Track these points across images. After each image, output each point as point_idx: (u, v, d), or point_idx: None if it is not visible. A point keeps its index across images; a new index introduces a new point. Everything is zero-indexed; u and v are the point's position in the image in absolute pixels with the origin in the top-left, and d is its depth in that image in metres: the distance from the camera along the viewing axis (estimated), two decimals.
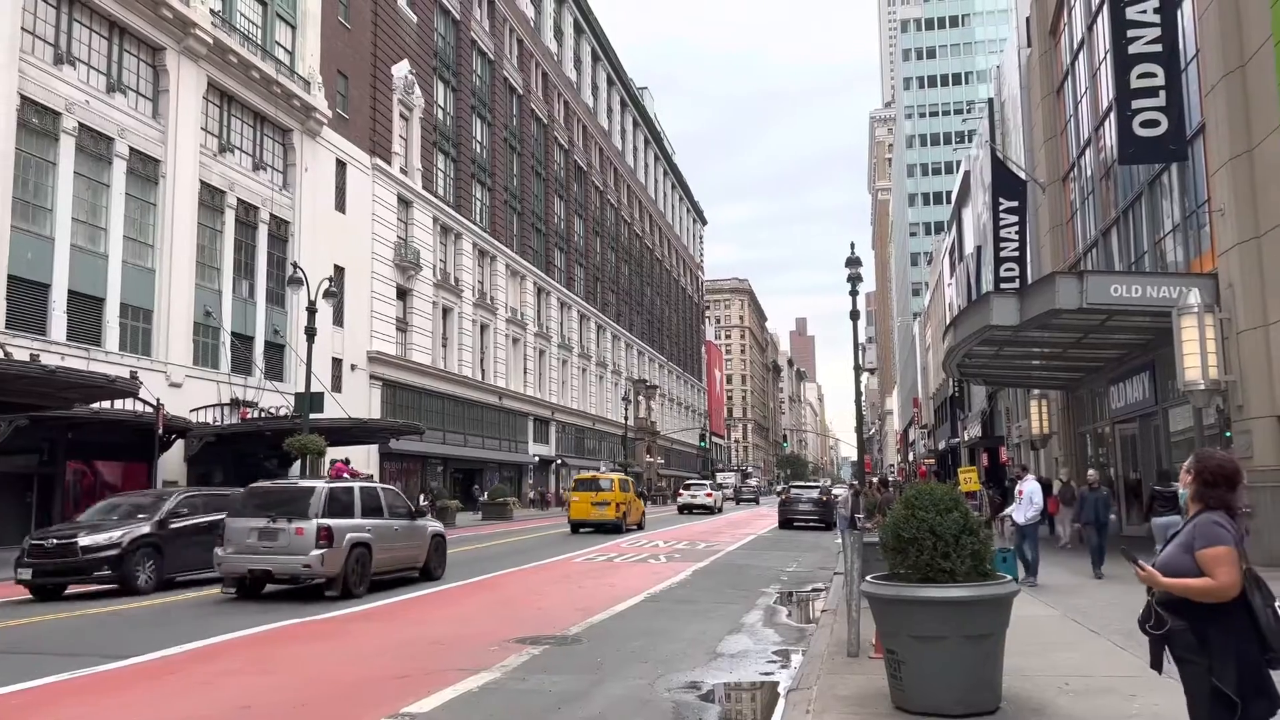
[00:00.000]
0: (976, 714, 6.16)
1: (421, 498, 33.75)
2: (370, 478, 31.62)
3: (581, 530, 30.36)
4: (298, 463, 29.65)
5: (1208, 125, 18.30)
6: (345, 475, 24.61)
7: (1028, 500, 14.94)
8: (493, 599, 14.23)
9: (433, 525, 17.26)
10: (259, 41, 36.45)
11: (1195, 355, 16.89)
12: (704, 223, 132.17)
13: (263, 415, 33.17)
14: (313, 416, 28.90)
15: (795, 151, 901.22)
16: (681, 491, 53.42)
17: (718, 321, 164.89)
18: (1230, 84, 16.97)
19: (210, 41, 32.50)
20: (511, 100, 61.56)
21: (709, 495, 50.15)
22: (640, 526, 33.39)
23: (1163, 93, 18.67)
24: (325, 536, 13.59)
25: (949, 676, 6.16)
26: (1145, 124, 18.76)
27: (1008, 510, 16.38)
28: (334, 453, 33.21)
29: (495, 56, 58.59)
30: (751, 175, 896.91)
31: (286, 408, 33.25)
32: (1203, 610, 3.69)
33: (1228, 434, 17.30)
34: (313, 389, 29.06)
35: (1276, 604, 3.59)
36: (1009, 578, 6.88)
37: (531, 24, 66.04)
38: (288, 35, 38.62)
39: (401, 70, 46.39)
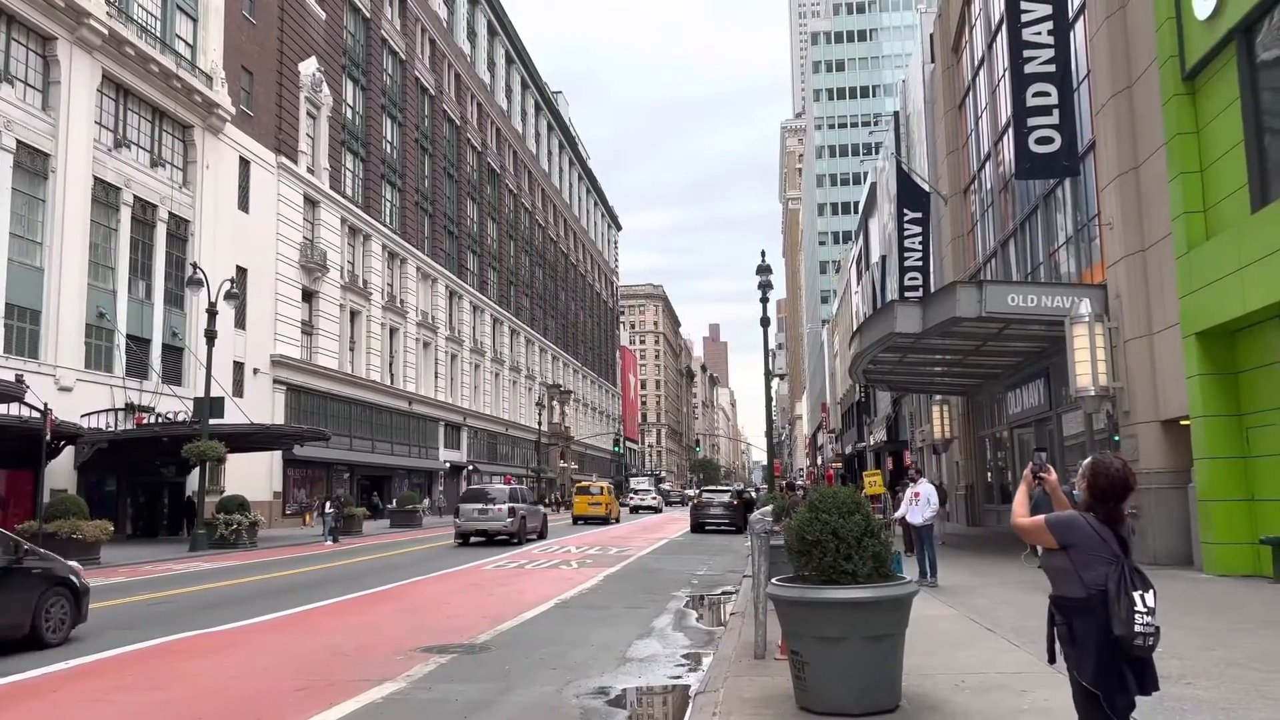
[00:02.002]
0: (876, 713, 6.29)
1: (326, 504, 32.94)
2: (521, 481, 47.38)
3: (580, 522, 41.30)
4: (196, 469, 28.71)
5: (1098, 142, 19.14)
6: (510, 481, 36.15)
7: (924, 502, 15.33)
8: (400, 607, 13.98)
9: (543, 509, 31.04)
10: (158, 34, 35.19)
11: (1086, 363, 17.64)
12: (619, 228, 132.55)
13: (160, 421, 31.99)
14: (213, 422, 28.03)
15: (711, 159, 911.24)
16: (631, 496, 66.73)
17: (632, 327, 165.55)
18: (1119, 103, 17.78)
19: (105, 32, 31.24)
20: (423, 100, 60.74)
21: (654, 498, 66.29)
22: (618, 520, 44.52)
23: (1056, 111, 19.45)
24: (512, 512, 26.75)
25: (850, 676, 6.28)
26: (1040, 141, 19.51)
27: (899, 512, 16.76)
28: (235, 459, 32.22)
29: (406, 56, 57.75)
30: (667, 182, 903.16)
31: (185, 413, 32.18)
32: (1072, 604, 3.88)
33: (1116, 438, 18.09)
34: (213, 393, 28.19)
35: (1137, 593, 3.74)
36: (909, 579, 7.04)
37: (444, 24, 65.31)
38: (189, 29, 37.39)
39: (309, 68, 45.37)
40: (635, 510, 59.36)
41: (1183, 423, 16.09)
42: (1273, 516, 13.84)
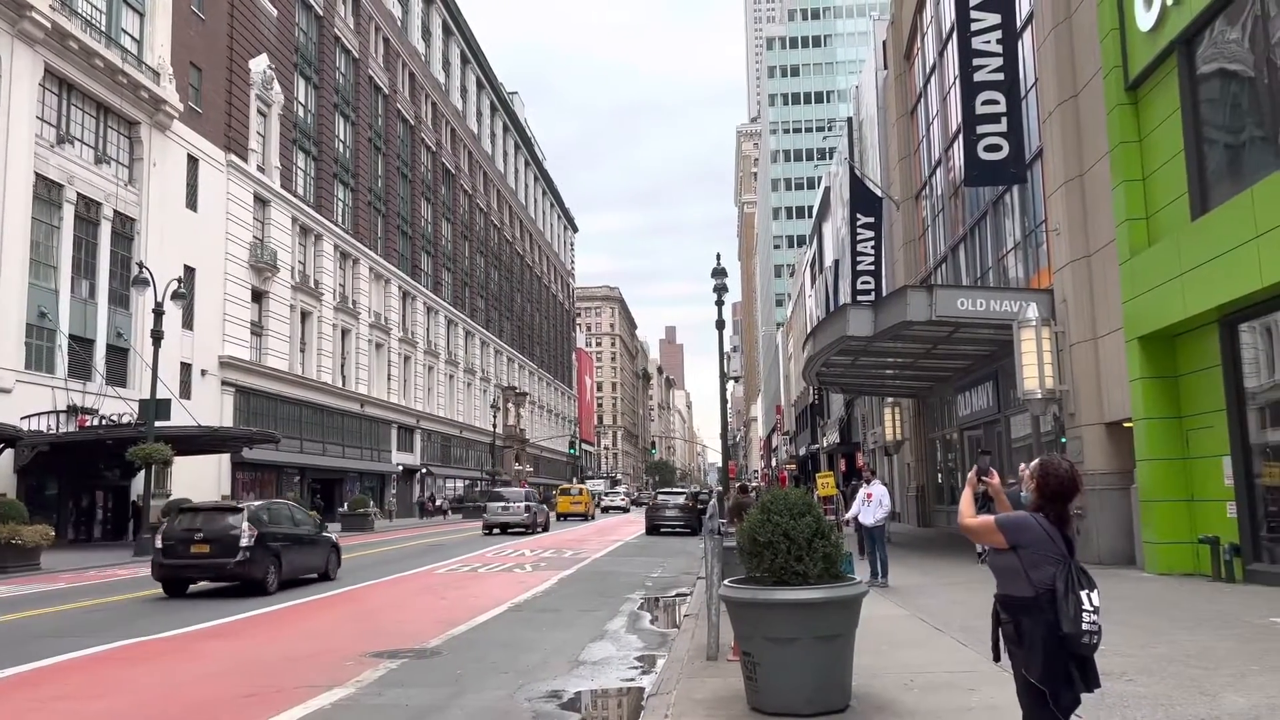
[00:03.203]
0: (827, 713, 6.35)
1: None
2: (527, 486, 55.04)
3: (563, 519, 48.53)
4: (141, 473, 28.11)
5: (1045, 150, 19.52)
6: (525, 485, 47.66)
7: (877, 503, 15.48)
8: (350, 612, 13.81)
9: (545, 508, 39.15)
10: (103, 28, 34.42)
11: (1033, 366, 17.96)
12: (575, 230, 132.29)
13: (104, 423, 31.26)
14: (159, 425, 27.48)
15: (667, 163, 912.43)
16: (602, 498, 72.06)
17: (588, 329, 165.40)
18: (1065, 112, 18.15)
19: (48, 25, 30.48)
20: (376, 99, 60.15)
21: (623, 499, 74.87)
22: (593, 517, 53.11)
23: (1004, 119, 19.81)
24: (527, 510, 34.82)
25: (801, 677, 6.33)
26: (989, 148, 19.85)
27: (851, 513, 16.91)
28: (182, 462, 31.56)
29: (360, 54, 57.14)
30: (623, 185, 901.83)
31: (130, 415, 31.48)
32: (1019, 603, 3.93)
33: (1063, 440, 18.44)
34: (159, 395, 27.65)
35: (1083, 592, 3.83)
36: (859, 579, 7.11)
37: (398, 23, 64.74)
38: (135, 23, 36.62)
39: (260, 65, 44.69)
40: (606, 510, 67.01)
41: (1126, 425, 16.44)
42: (1211, 516, 14.20)
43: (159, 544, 16.28)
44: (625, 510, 68.57)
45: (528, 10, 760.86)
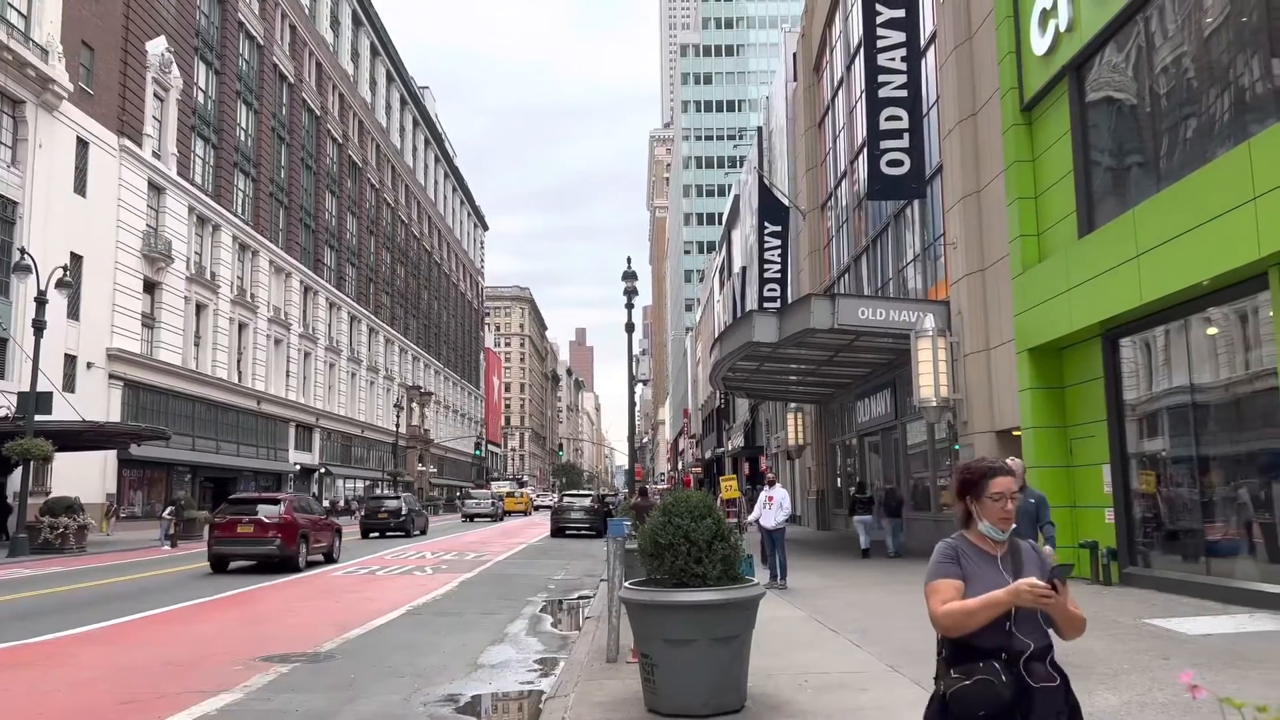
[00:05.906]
0: (722, 713, 6.40)
1: (166, 511, 31.21)
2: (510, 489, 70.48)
3: (509, 515, 59.87)
4: (19, 469, 26.75)
5: (945, 166, 20.14)
6: (490, 487, 65.32)
7: (778, 506, 15.72)
8: (239, 616, 13.37)
9: (501, 504, 56.69)
10: None
11: (929, 375, 18.51)
12: (485, 228, 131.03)
13: None
14: (39, 419, 26.18)
15: (581, 165, 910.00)
16: (536, 498, 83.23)
17: (498, 329, 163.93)
18: (964, 130, 18.77)
19: None
20: (281, 88, 58.51)
21: (553, 500, 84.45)
22: (530, 513, 65.46)
23: (907, 135, 20.38)
24: (493, 505, 53.23)
25: (698, 678, 6.37)
26: (891, 163, 20.40)
27: (752, 516, 17.14)
28: (64, 459, 30.13)
29: (265, 41, 55.52)
30: (535, 187, 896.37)
31: (8, 409, 29.92)
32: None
33: (956, 446, 19.05)
34: (40, 388, 26.36)
35: None
36: (756, 581, 7.20)
37: (306, 11, 63.14)
38: None
39: (157, 47, 43.00)
40: (538, 508, 75.22)
41: (1015, 433, 17.06)
42: (1091, 522, 14.85)
43: (363, 513, 35.21)
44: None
45: (441, 11, 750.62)
